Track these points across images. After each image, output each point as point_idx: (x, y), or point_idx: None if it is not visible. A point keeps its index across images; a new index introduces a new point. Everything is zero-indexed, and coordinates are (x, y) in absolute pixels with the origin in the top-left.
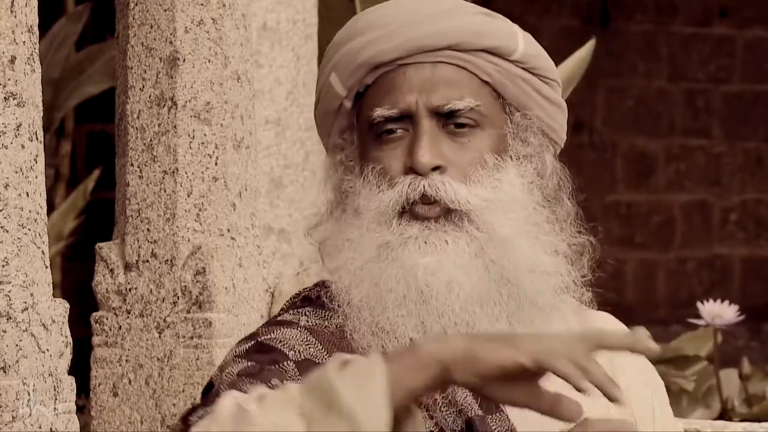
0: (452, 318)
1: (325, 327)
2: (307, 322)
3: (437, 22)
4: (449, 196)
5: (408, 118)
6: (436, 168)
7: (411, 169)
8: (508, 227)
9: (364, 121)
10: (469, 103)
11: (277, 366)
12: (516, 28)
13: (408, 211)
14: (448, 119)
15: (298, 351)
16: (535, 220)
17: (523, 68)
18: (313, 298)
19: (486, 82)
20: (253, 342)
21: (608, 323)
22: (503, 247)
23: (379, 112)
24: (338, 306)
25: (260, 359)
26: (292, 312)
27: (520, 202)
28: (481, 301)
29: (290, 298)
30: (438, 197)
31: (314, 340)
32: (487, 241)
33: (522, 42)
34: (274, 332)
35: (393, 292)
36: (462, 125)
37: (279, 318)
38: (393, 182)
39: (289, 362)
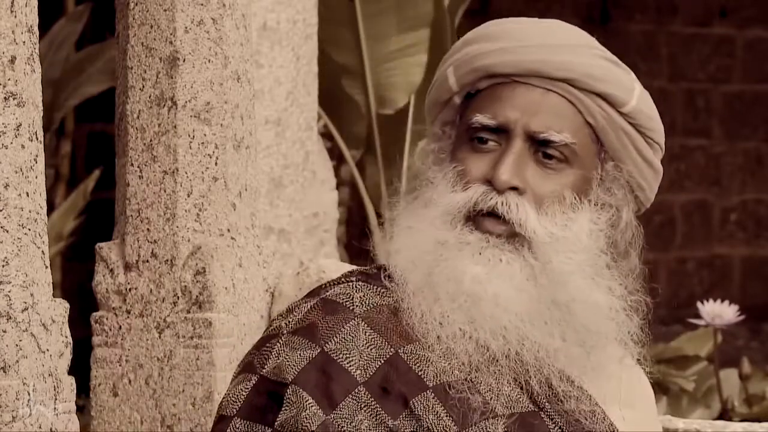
0: (502, 323)
1: (381, 309)
2: (361, 304)
3: (562, 54)
4: (519, 218)
5: (504, 132)
6: (514, 188)
7: (489, 182)
8: (566, 264)
9: (464, 122)
10: (565, 137)
11: (350, 396)
12: (636, 83)
13: (473, 220)
14: (541, 147)
15: (365, 368)
16: (594, 264)
17: (629, 122)
18: (371, 274)
19: (589, 124)
20: (318, 350)
21: (638, 380)
22: (556, 279)
23: (479, 119)
24: (395, 285)
25: (329, 388)
26: (344, 285)
27: (583, 245)
28: (531, 319)
29: (346, 272)
30: (508, 217)
31: (373, 333)
32: (540, 270)
33: (636, 98)
34: (336, 335)
35: (444, 286)
36: (551, 157)
37: (332, 296)
38: (468, 186)
39: (360, 387)
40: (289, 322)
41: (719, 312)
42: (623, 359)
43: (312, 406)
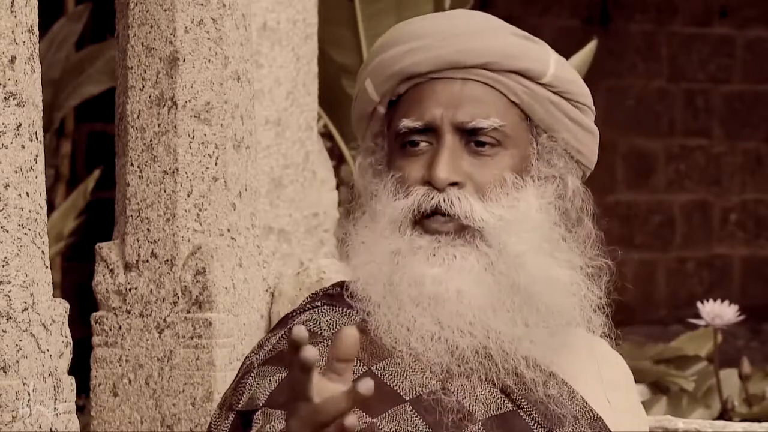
0: (467, 319)
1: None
2: (329, 328)
3: (471, 41)
4: (464, 211)
5: (432, 131)
6: (453, 184)
7: (428, 182)
8: (521, 244)
9: (392, 130)
10: (493, 122)
11: None
12: (550, 52)
13: (419, 223)
14: (471, 136)
15: None
16: (550, 238)
17: (552, 91)
18: (334, 294)
19: (514, 103)
20: (287, 372)
21: (616, 362)
22: (514, 261)
23: (405, 123)
24: (359, 302)
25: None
26: (310, 311)
27: (535, 221)
28: (494, 308)
29: (309, 295)
30: (452, 212)
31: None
32: (497, 256)
33: (553, 66)
34: None
35: (406, 292)
36: (484, 143)
37: (299, 324)
38: (409, 191)
39: None
40: (259, 356)
41: (719, 312)
42: (592, 336)
43: (279, 417)
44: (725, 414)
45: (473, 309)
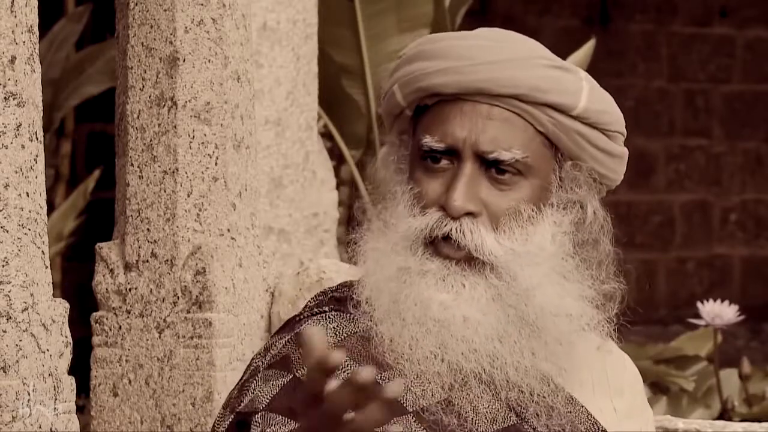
0: (473, 345)
1: (354, 337)
2: (335, 335)
3: (502, 70)
4: (474, 244)
5: (454, 153)
6: (468, 213)
7: (444, 206)
8: (532, 277)
9: (416, 139)
10: (514, 154)
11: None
12: (583, 83)
13: (432, 245)
14: (492, 165)
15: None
16: (561, 269)
17: (582, 123)
18: (341, 298)
19: (540, 132)
20: (290, 377)
21: (624, 367)
22: (524, 294)
23: (428, 142)
24: (363, 314)
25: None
26: (317, 317)
27: (548, 254)
28: (500, 338)
29: (316, 296)
30: (463, 243)
31: (348, 360)
32: (506, 289)
33: (585, 98)
34: None
35: (411, 311)
36: (504, 172)
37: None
38: (424, 211)
39: None
40: (265, 360)
41: (719, 312)
42: (602, 347)
43: (280, 422)
44: (725, 414)
45: (479, 336)
